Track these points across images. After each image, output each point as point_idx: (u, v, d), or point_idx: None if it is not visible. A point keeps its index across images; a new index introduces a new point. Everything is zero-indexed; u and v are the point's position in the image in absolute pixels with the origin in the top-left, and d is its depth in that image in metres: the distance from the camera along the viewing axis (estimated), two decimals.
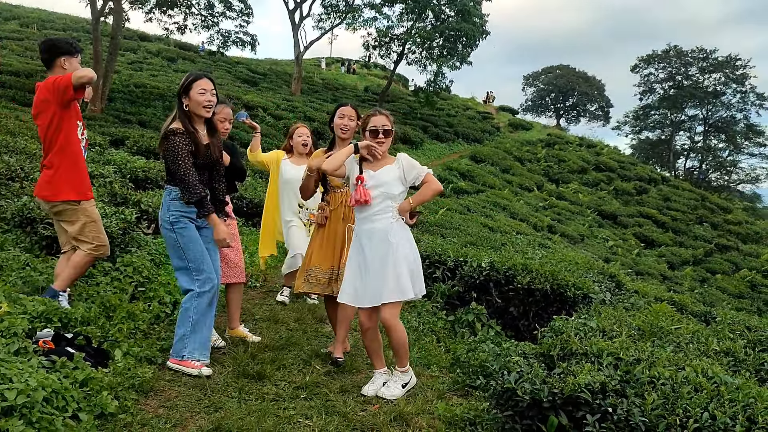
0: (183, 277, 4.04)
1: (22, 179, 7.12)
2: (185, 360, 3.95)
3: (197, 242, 4.01)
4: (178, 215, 3.98)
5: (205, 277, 4.00)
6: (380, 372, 4.00)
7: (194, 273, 4.00)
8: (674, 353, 3.41)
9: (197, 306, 3.98)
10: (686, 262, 22.54)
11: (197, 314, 3.97)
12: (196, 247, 4.00)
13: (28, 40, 31.04)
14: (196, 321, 3.97)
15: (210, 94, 4.01)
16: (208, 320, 4.07)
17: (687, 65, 58.15)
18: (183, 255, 3.99)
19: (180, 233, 3.98)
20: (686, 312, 7.14)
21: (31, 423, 2.61)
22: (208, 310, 4.05)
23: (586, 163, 33.06)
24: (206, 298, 4.00)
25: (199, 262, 3.99)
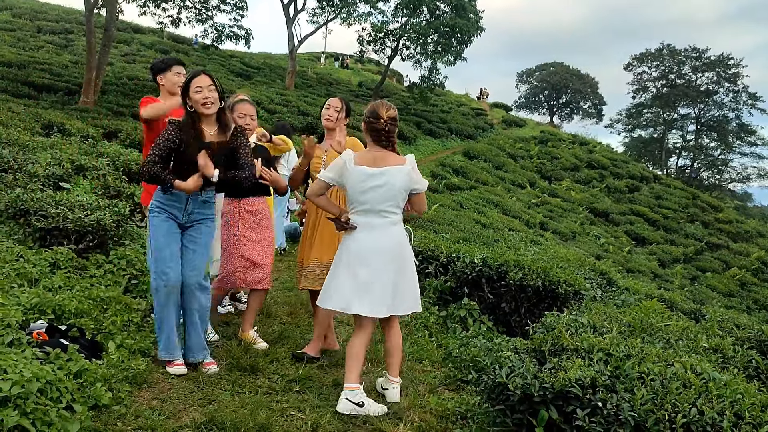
0: (149, 259, 4.07)
1: (15, 171, 7.11)
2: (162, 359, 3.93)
3: (162, 234, 3.89)
4: (155, 203, 3.95)
5: (158, 270, 3.86)
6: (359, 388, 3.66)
7: (152, 264, 3.97)
8: (664, 350, 3.45)
9: (156, 302, 3.92)
10: (677, 260, 22.67)
11: (157, 311, 3.93)
12: (159, 239, 3.89)
13: (20, 31, 30.85)
14: (158, 318, 3.92)
15: (207, 90, 3.85)
16: (171, 318, 3.90)
17: (680, 64, 58.37)
18: (149, 242, 3.99)
19: (151, 220, 3.95)
20: (676, 309, 7.21)
21: (25, 414, 2.62)
22: (167, 307, 3.89)
23: (578, 161, 33.16)
24: (161, 293, 3.86)
25: (157, 251, 3.89)
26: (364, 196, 3.69)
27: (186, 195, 3.93)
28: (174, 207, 3.93)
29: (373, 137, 3.78)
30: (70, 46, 30.04)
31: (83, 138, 11.54)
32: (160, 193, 3.94)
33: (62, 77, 21.24)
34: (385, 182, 3.68)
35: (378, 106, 3.80)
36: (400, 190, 3.71)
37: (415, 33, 32.92)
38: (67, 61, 24.81)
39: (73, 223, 5.44)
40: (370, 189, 3.68)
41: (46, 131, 11.83)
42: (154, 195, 3.98)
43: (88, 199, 6.05)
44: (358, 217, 3.73)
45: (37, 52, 26.26)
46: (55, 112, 14.25)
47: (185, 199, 3.94)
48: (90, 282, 4.88)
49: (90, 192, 7.12)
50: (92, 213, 5.66)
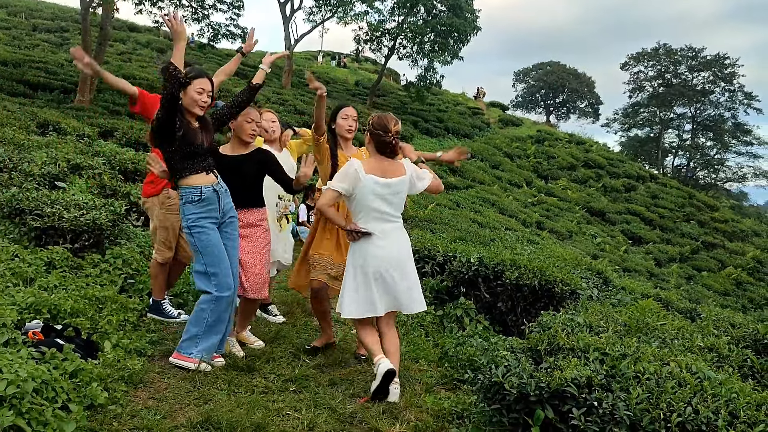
0: (200, 279, 3.98)
1: (10, 170, 7.08)
2: (191, 357, 3.90)
3: (215, 246, 3.94)
4: (194, 218, 3.92)
5: (221, 282, 3.93)
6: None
7: (212, 278, 3.93)
8: (659, 349, 3.45)
9: (214, 309, 3.92)
10: (673, 259, 22.73)
11: (213, 317, 3.92)
12: (214, 251, 3.93)
13: (15, 29, 30.75)
14: (211, 324, 3.93)
15: (207, 95, 3.99)
16: (224, 326, 4.01)
17: (676, 63, 58.47)
18: (201, 259, 3.93)
19: (197, 237, 3.92)
20: (672, 308, 7.22)
21: (21, 413, 2.61)
22: (225, 315, 3.99)
23: (575, 160, 33.21)
24: (224, 302, 3.95)
25: (216, 267, 3.93)
26: (375, 204, 3.84)
27: (215, 194, 3.96)
28: (212, 210, 3.96)
29: (379, 149, 3.91)
30: (66, 44, 29.94)
31: (79, 137, 11.51)
32: (194, 206, 3.91)
33: (58, 76, 21.17)
34: (396, 192, 3.89)
35: (387, 119, 3.91)
36: (404, 198, 3.98)
37: (412, 32, 32.91)
38: (63, 59, 24.73)
39: (69, 223, 5.43)
40: (382, 198, 3.84)
41: (42, 130, 11.80)
42: (186, 210, 3.93)
43: (84, 199, 6.04)
44: (371, 224, 3.86)
45: (33, 50, 26.19)
46: (50, 111, 14.21)
47: (217, 198, 3.98)
48: (86, 281, 4.88)
49: (86, 191, 7.11)
50: (88, 212, 5.65)
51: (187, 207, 3.92)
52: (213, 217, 3.97)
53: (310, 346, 4.58)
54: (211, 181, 3.99)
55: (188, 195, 3.92)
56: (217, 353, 4.10)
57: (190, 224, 3.93)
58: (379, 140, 3.88)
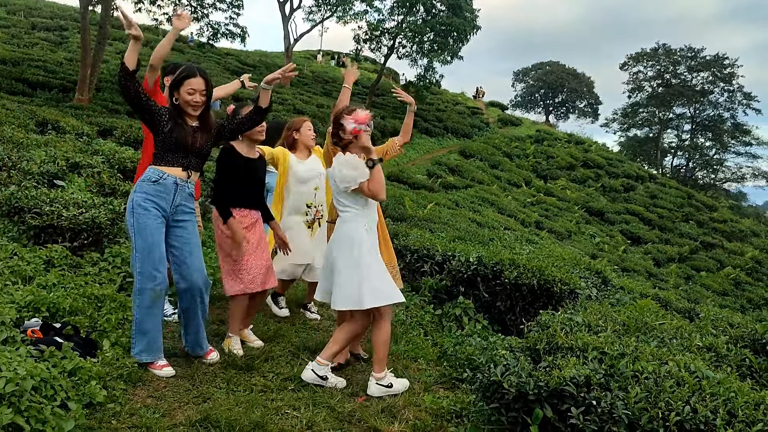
0: (132, 262, 3.81)
1: (9, 168, 7.08)
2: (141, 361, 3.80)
3: (151, 233, 3.72)
4: (141, 198, 3.73)
5: (146, 272, 3.71)
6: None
7: (137, 265, 3.73)
8: (658, 348, 3.46)
9: (138, 304, 3.74)
10: (672, 259, 22.73)
11: (140, 314, 3.75)
12: (147, 238, 3.71)
13: (14, 28, 30.71)
14: (139, 321, 3.75)
15: (199, 95, 3.85)
16: (156, 320, 3.80)
17: (675, 64, 58.55)
18: (133, 243, 3.74)
19: (137, 219, 3.71)
20: (670, 308, 7.23)
21: (20, 411, 2.61)
22: (153, 309, 3.76)
23: (574, 160, 33.21)
24: (147, 295, 3.72)
25: (144, 254, 3.70)
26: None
27: (174, 186, 3.80)
28: (162, 199, 3.77)
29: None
30: (65, 43, 29.92)
31: (78, 135, 11.49)
32: (148, 185, 3.75)
33: (57, 74, 21.15)
34: None
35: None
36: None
37: (412, 31, 32.89)
38: (62, 58, 24.71)
39: (68, 221, 5.43)
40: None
41: (41, 129, 11.78)
42: (139, 187, 3.76)
43: (83, 197, 6.04)
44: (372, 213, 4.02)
45: (32, 49, 26.15)
46: (49, 110, 14.19)
47: (173, 190, 3.82)
48: (84, 280, 4.87)
49: (85, 190, 7.11)
50: (87, 211, 5.64)
51: (141, 185, 3.77)
52: (160, 206, 3.77)
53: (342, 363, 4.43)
54: (181, 176, 3.85)
55: (149, 174, 3.78)
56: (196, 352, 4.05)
57: (134, 203, 3.74)
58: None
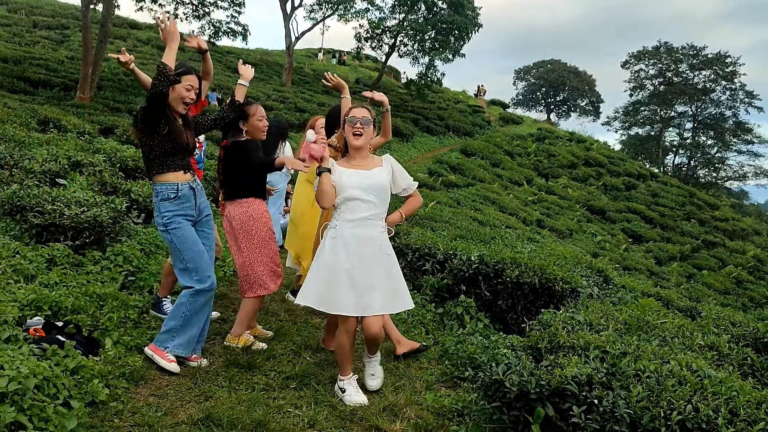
0: (182, 275, 3.96)
1: (11, 167, 7.08)
2: (165, 352, 3.88)
3: (192, 241, 3.93)
4: (170, 216, 3.90)
5: (203, 276, 3.93)
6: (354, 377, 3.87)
7: (193, 273, 3.92)
8: (660, 347, 3.46)
9: (192, 303, 3.91)
10: (673, 257, 22.71)
11: (191, 311, 3.91)
12: (192, 247, 3.91)
13: (16, 26, 30.73)
14: (188, 318, 3.91)
15: (194, 92, 4.03)
16: (202, 320, 4.00)
17: (677, 62, 58.43)
18: (180, 256, 3.91)
19: (174, 234, 3.90)
20: (672, 307, 7.22)
21: (22, 410, 2.62)
22: (203, 310, 3.98)
23: (575, 158, 33.18)
24: (203, 296, 3.93)
25: (196, 261, 3.92)
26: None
27: (192, 192, 3.97)
28: (188, 208, 3.96)
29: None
30: (66, 41, 29.93)
31: (80, 134, 11.50)
32: (169, 203, 3.89)
33: (58, 73, 21.16)
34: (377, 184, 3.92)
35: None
36: None
37: (413, 30, 32.89)
38: (63, 56, 24.72)
39: (70, 220, 5.43)
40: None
41: (43, 127, 11.79)
42: (162, 207, 3.90)
43: (85, 196, 6.04)
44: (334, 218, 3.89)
45: (33, 47, 26.16)
46: (51, 108, 14.19)
47: (193, 195, 3.99)
48: (86, 278, 4.88)
49: (86, 188, 7.11)
50: (89, 209, 5.65)
51: (163, 204, 3.90)
52: (189, 215, 3.98)
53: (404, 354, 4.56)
54: (188, 179, 4.00)
55: (164, 192, 3.90)
56: (196, 354, 4.07)
57: (165, 221, 3.89)
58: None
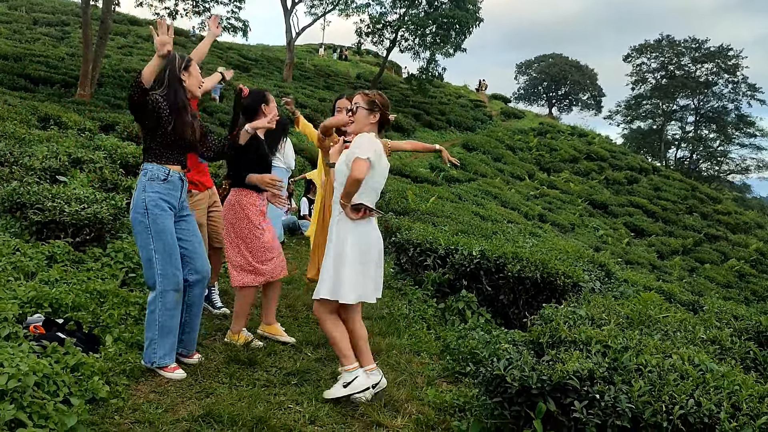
0: (149, 271, 3.67)
1: (11, 164, 7.08)
2: (151, 365, 3.69)
3: (169, 234, 3.67)
4: (155, 198, 3.63)
5: (169, 274, 3.66)
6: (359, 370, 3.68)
7: (158, 267, 3.64)
8: (662, 341, 3.45)
9: (161, 307, 3.66)
10: (675, 251, 22.68)
11: (163, 316, 3.66)
12: (167, 239, 3.64)
13: (16, 23, 30.71)
14: (162, 324, 3.66)
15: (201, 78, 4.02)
16: (177, 320, 3.75)
17: (679, 55, 58.30)
18: (151, 244, 3.62)
19: (153, 221, 3.61)
20: (674, 301, 7.21)
21: (22, 407, 2.61)
22: (176, 309, 3.72)
23: (577, 153, 33.12)
24: (171, 297, 3.67)
25: (166, 255, 3.64)
26: (378, 185, 3.73)
27: (180, 182, 3.77)
28: (172, 197, 3.71)
29: (381, 127, 3.81)
30: (67, 38, 29.90)
31: (80, 131, 11.50)
32: (158, 184, 3.66)
33: (59, 70, 21.13)
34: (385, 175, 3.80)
35: (386, 98, 3.82)
36: None
37: (414, 24, 32.81)
38: (64, 53, 24.69)
39: (70, 217, 5.43)
40: (383, 179, 3.74)
41: (43, 124, 11.79)
42: (149, 186, 3.64)
43: (85, 193, 6.04)
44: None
45: (34, 44, 26.14)
46: (51, 105, 14.18)
47: (180, 186, 3.79)
48: (87, 275, 4.88)
49: (87, 185, 7.10)
50: (89, 206, 5.65)
51: (150, 184, 3.64)
52: (172, 204, 3.72)
53: None
54: (181, 171, 3.81)
55: (154, 171, 3.66)
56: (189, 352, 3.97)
57: (149, 203, 3.61)
58: (387, 119, 3.79)
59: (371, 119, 3.72)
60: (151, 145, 3.71)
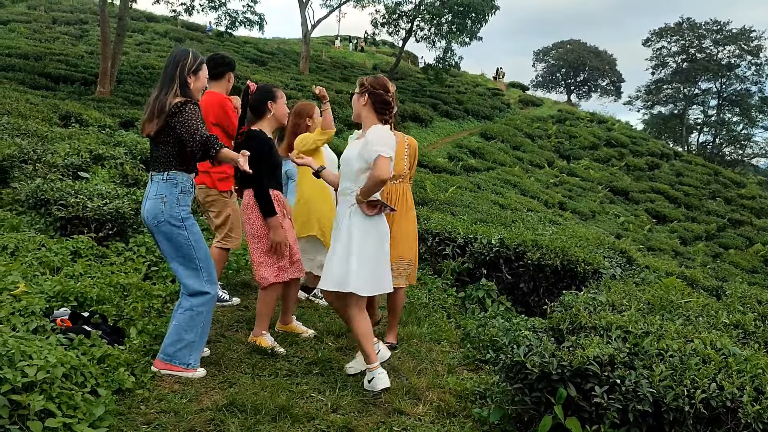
0: (192, 278, 3.61)
1: (34, 161, 7.20)
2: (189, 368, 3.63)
3: (203, 240, 3.68)
4: (187, 210, 3.62)
5: (213, 278, 3.68)
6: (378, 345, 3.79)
7: (204, 274, 3.62)
8: (683, 326, 3.43)
9: (207, 311, 3.65)
10: (699, 237, 22.42)
11: (207, 320, 3.66)
12: (203, 246, 3.64)
13: (36, 23, 31.09)
14: (203, 328, 3.67)
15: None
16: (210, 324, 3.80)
17: (700, 38, 57.35)
18: (193, 254, 3.58)
19: (191, 230, 3.58)
20: (697, 286, 7.15)
21: (51, 398, 2.67)
22: (210, 315, 3.73)
23: (597, 139, 32.82)
24: (212, 303, 3.70)
25: (207, 261, 3.65)
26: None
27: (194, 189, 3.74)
28: (189, 205, 3.69)
29: (380, 111, 3.70)
30: (85, 36, 30.23)
31: (100, 128, 11.64)
32: (188, 196, 3.62)
33: (78, 68, 21.38)
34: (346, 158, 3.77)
35: (384, 79, 3.77)
36: None
37: (429, 14, 32.64)
38: (83, 51, 24.97)
39: (93, 212, 5.51)
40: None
41: (64, 122, 11.95)
42: (182, 200, 3.58)
43: (107, 188, 6.12)
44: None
45: (53, 43, 26.47)
46: (72, 103, 14.37)
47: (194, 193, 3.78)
48: (110, 269, 4.95)
49: (108, 181, 7.20)
50: (111, 201, 5.72)
51: (182, 197, 3.59)
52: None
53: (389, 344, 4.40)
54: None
55: (185, 183, 3.61)
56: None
57: (184, 215, 3.57)
58: (382, 99, 3.67)
59: (362, 101, 3.70)
60: (180, 152, 3.60)
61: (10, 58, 20.26)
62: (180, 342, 3.59)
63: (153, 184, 3.58)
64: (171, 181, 3.56)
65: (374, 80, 3.73)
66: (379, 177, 3.45)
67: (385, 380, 3.57)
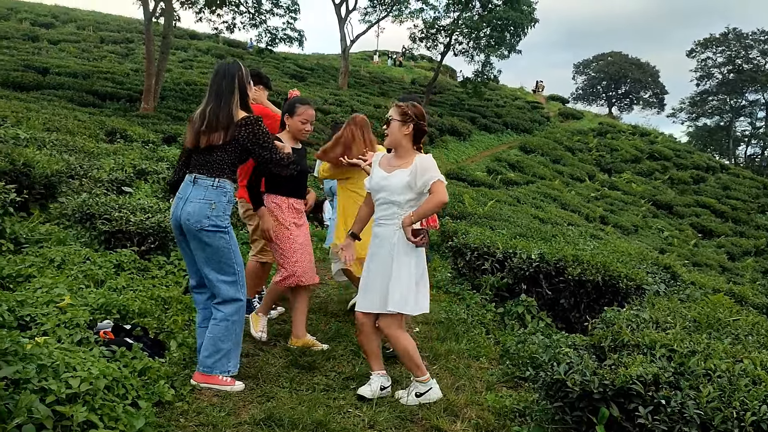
0: (228, 285, 3.63)
1: (81, 177, 7.39)
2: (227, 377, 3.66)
3: (238, 248, 3.74)
4: (227, 218, 3.66)
5: (245, 285, 3.75)
6: (377, 374, 3.76)
7: (240, 281, 3.68)
8: (732, 345, 3.31)
9: (241, 318, 3.70)
10: (747, 252, 21.74)
11: (241, 327, 3.72)
12: (240, 254, 3.70)
13: (84, 42, 32.12)
14: (238, 335, 3.71)
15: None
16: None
17: (747, 48, 56.08)
18: (232, 260, 3.62)
19: (232, 237, 3.62)
20: (746, 304, 6.92)
21: (93, 409, 2.71)
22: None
23: (639, 152, 32.23)
24: (245, 308, 3.76)
25: (242, 269, 3.72)
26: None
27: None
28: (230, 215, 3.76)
29: (417, 141, 3.75)
30: (131, 54, 31.10)
31: (144, 143, 11.92)
32: (228, 203, 3.64)
33: (124, 85, 21.99)
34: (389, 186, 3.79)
35: (421, 108, 3.78)
36: None
37: (468, 27, 32.67)
38: (128, 69, 25.68)
39: (136, 226, 5.63)
40: None
41: (110, 138, 12.28)
42: (221, 206, 3.58)
43: (149, 203, 6.25)
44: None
45: (101, 62, 27.29)
46: (117, 119, 14.77)
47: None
48: (152, 282, 5.03)
49: (150, 195, 7.35)
50: (153, 216, 5.84)
51: (229, 206, 3.65)
52: None
53: None
54: None
55: (231, 194, 3.68)
56: None
57: (226, 223, 3.60)
58: (422, 130, 3.73)
59: (405, 131, 3.68)
60: (236, 162, 3.67)
61: (60, 77, 20.96)
62: (218, 353, 3.63)
63: (198, 188, 3.58)
64: (221, 189, 3.59)
65: (416, 110, 3.71)
66: (441, 200, 3.58)
67: (439, 391, 3.72)
